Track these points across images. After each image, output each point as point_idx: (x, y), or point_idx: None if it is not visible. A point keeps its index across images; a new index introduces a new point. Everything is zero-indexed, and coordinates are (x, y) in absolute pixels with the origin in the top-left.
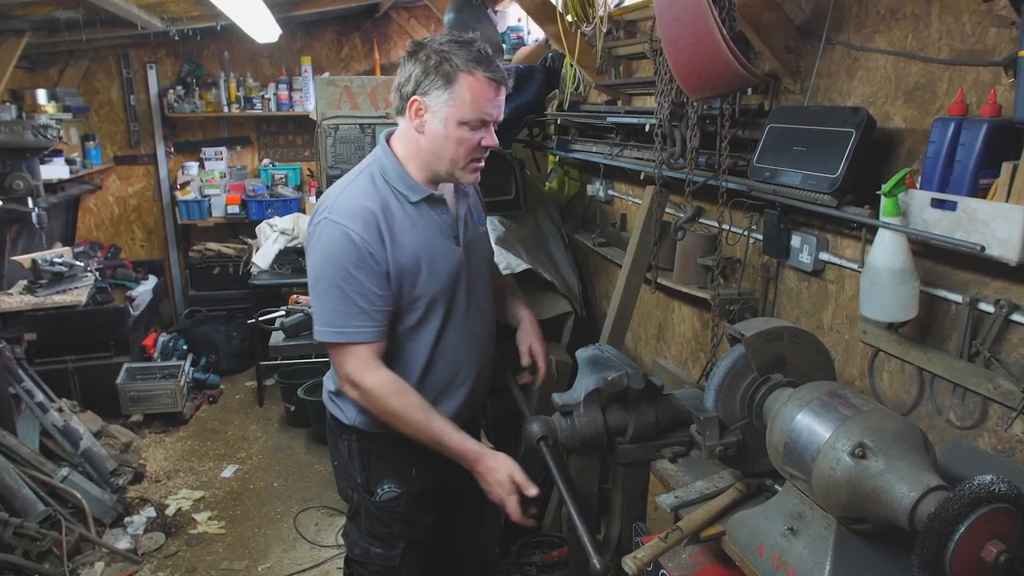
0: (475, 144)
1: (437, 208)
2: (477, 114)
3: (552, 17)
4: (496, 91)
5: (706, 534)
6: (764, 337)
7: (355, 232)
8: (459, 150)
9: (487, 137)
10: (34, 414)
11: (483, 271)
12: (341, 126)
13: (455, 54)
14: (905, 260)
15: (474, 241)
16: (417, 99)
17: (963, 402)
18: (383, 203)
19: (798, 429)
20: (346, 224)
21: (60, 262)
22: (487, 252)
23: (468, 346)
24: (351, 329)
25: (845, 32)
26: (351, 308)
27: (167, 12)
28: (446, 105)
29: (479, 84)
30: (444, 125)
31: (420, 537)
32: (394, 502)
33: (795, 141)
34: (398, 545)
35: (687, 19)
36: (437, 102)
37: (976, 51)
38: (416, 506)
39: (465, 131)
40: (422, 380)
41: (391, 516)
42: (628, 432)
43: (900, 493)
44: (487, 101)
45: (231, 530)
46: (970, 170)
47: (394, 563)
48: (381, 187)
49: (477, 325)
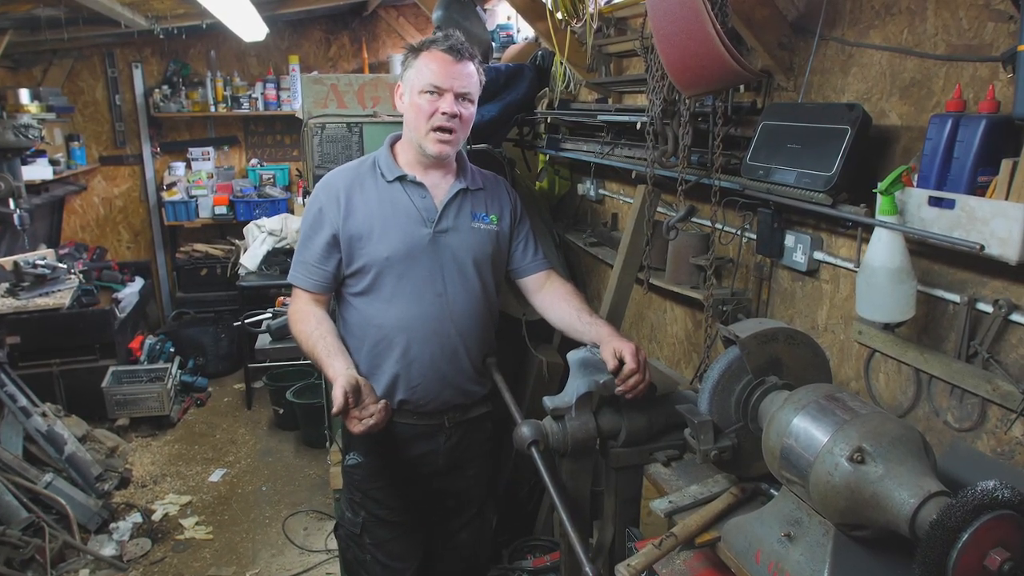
0: (434, 110)
1: (414, 190)
2: (430, 80)
3: (542, 14)
4: (449, 62)
5: (701, 540)
6: (759, 339)
7: (320, 198)
8: (419, 116)
9: (444, 103)
10: (17, 419)
11: (464, 260)
12: (328, 125)
13: (424, 42)
14: (902, 259)
15: (458, 231)
16: (399, 85)
17: (961, 403)
18: (357, 179)
19: (795, 433)
20: (317, 191)
21: (43, 264)
22: (484, 248)
23: (421, 328)
24: (295, 273)
25: (839, 28)
26: (299, 258)
27: (151, 10)
28: (410, 81)
29: (433, 57)
30: (409, 96)
31: (382, 515)
32: (355, 469)
33: (789, 139)
34: (360, 513)
35: (680, 14)
36: (406, 82)
37: (973, 46)
38: (375, 480)
39: (424, 99)
40: (361, 346)
41: (352, 482)
42: (620, 436)
43: (900, 499)
44: (441, 71)
45: (219, 535)
46: (968, 167)
47: (356, 530)
48: (365, 169)
49: (437, 311)
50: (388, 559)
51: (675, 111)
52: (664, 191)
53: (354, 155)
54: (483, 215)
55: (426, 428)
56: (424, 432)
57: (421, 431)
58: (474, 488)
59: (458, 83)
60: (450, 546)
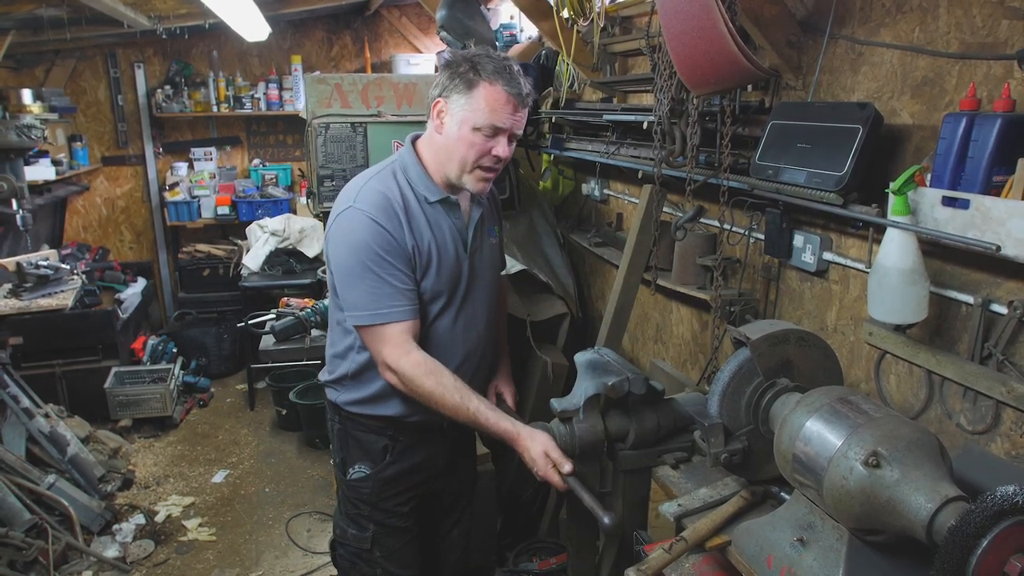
0: (486, 151)
1: (452, 213)
2: (490, 121)
3: (546, 13)
4: (513, 106)
5: (711, 544)
6: (770, 340)
7: (380, 220)
8: (469, 153)
9: (499, 147)
10: (20, 420)
11: (486, 280)
12: (332, 125)
13: (482, 65)
14: (915, 260)
15: (481, 251)
16: (440, 101)
17: (974, 406)
18: (403, 196)
19: (808, 437)
20: (371, 212)
21: (45, 265)
22: (495, 263)
23: (462, 349)
24: (386, 310)
25: (849, 26)
26: (385, 289)
27: (154, 10)
28: (463, 109)
29: (496, 94)
30: (459, 127)
31: (393, 523)
32: (362, 483)
33: (799, 138)
34: (368, 527)
35: (691, 12)
36: (456, 105)
37: (987, 44)
38: (385, 491)
39: (478, 136)
40: None
41: (359, 497)
42: (629, 438)
43: (917, 504)
44: (502, 112)
45: (222, 537)
46: (983, 167)
47: (365, 545)
48: (402, 184)
49: (472, 330)
50: (400, 568)
51: (683, 110)
52: (670, 191)
53: (358, 155)
54: (492, 228)
55: (427, 434)
56: (426, 434)
57: (422, 437)
58: (465, 485)
59: (516, 127)
60: (444, 546)
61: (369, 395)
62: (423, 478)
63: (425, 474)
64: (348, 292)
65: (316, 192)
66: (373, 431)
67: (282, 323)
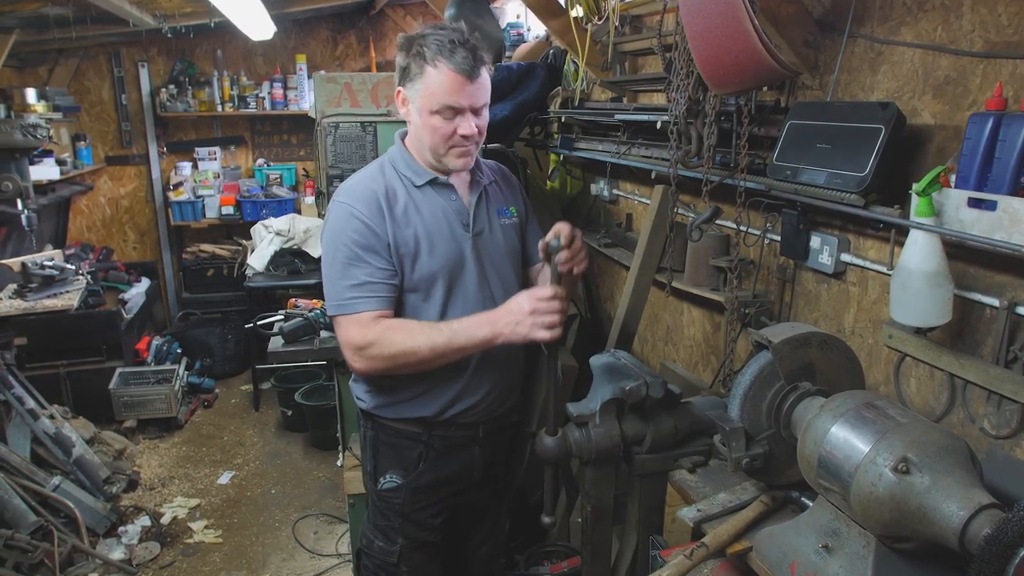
0: (451, 132)
1: (445, 193)
2: (444, 103)
3: (555, 12)
4: (462, 82)
5: (732, 550)
6: (792, 343)
7: (357, 209)
8: (435, 136)
9: (463, 125)
10: (24, 421)
11: (501, 261)
12: (341, 124)
13: (427, 46)
14: (939, 262)
15: (490, 232)
16: (401, 90)
17: (998, 410)
18: (388, 186)
19: (833, 442)
20: (350, 203)
21: (51, 265)
22: (512, 243)
23: None
24: (349, 300)
25: (868, 25)
26: (351, 281)
27: (159, 8)
28: (418, 96)
29: (442, 76)
30: (419, 114)
31: (422, 537)
32: (393, 493)
33: (818, 138)
34: (397, 541)
35: (715, 10)
36: (413, 92)
37: (1013, 43)
38: (417, 502)
39: (438, 119)
40: None
41: (390, 507)
42: (646, 442)
43: (949, 511)
44: (454, 91)
45: (228, 539)
46: (1011, 168)
47: (392, 559)
48: (389, 174)
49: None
50: None
51: (699, 110)
52: (682, 191)
53: (368, 155)
54: (505, 209)
55: (462, 440)
56: (460, 444)
57: (457, 443)
58: (493, 499)
59: (475, 100)
60: (474, 561)
61: (401, 398)
62: (456, 488)
63: (459, 485)
64: (325, 282)
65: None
66: (407, 437)
67: (291, 324)
